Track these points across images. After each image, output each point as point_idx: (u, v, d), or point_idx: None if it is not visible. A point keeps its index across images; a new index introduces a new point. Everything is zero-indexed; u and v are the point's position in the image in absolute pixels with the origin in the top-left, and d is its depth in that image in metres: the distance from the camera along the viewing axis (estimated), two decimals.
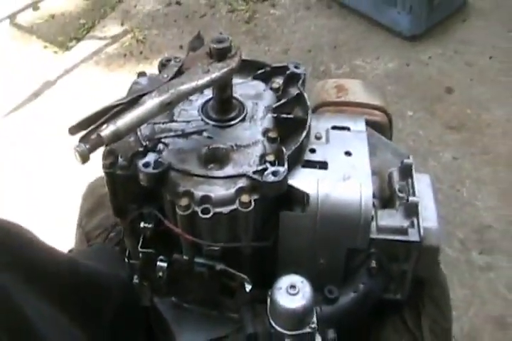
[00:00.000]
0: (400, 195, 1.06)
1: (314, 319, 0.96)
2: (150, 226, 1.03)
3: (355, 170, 1.03)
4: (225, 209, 0.95)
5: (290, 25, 3.00)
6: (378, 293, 1.04)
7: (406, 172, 1.09)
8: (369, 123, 1.18)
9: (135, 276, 1.09)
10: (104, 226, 1.35)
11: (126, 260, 1.12)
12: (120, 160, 1.01)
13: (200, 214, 0.95)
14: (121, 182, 1.03)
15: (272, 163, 0.98)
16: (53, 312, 0.93)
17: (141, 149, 1.01)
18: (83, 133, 0.94)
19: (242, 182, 0.97)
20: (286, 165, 0.97)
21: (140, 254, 1.07)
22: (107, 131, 0.92)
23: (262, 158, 1.00)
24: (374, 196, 1.07)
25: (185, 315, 1.14)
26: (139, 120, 0.95)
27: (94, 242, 1.33)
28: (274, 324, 0.96)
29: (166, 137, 1.05)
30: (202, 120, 1.08)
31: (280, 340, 0.96)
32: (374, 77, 2.56)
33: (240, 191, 0.96)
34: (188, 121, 1.09)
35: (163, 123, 1.08)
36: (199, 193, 0.96)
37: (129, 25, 3.14)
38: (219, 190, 0.96)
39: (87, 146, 0.90)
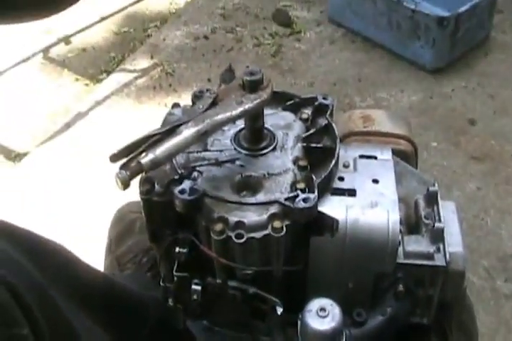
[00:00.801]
0: (426, 221, 1.09)
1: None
2: (185, 251, 1.07)
3: (383, 197, 1.07)
4: (258, 235, 0.99)
5: (315, 59, 3.06)
6: (405, 316, 1.07)
7: (431, 199, 1.12)
8: (395, 152, 1.22)
9: (169, 299, 1.13)
10: (134, 252, 1.38)
11: (161, 283, 1.16)
12: (157, 187, 1.06)
13: (234, 239, 0.99)
14: (157, 209, 1.07)
15: (303, 191, 1.03)
16: (90, 325, 0.97)
17: (176, 177, 1.06)
18: (123, 161, 0.98)
19: (274, 209, 1.01)
20: (316, 193, 1.01)
21: (175, 278, 1.11)
22: (146, 158, 0.96)
23: (293, 186, 1.04)
24: (401, 222, 1.11)
25: (216, 338, 1.18)
26: (176, 148, 1.00)
27: (125, 268, 1.37)
28: None
29: (200, 165, 1.09)
30: (234, 149, 1.13)
31: None
32: (398, 109, 2.61)
33: (272, 217, 1.00)
34: (221, 150, 1.13)
35: (197, 152, 1.13)
36: (233, 219, 1.00)
37: (158, 59, 3.22)
38: (252, 216, 1.00)
39: (128, 173, 0.95)
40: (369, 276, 1.06)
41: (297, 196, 1.01)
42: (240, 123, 1.15)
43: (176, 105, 1.25)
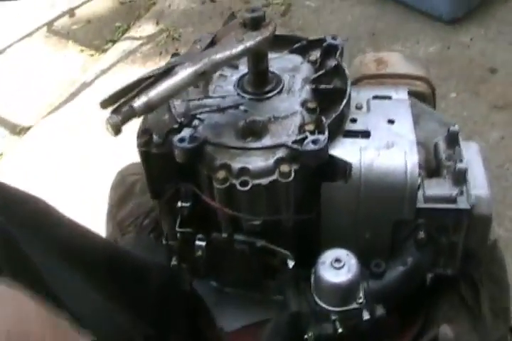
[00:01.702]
0: (447, 163, 1.00)
1: (361, 294, 0.91)
2: (187, 204, 0.99)
3: (399, 138, 0.98)
4: (265, 181, 0.92)
5: (326, 15, 2.95)
6: (427, 266, 0.99)
7: (452, 140, 1.03)
8: (411, 94, 1.12)
9: (173, 258, 1.05)
10: (135, 215, 1.31)
11: (163, 242, 1.08)
12: (155, 138, 0.99)
13: (239, 187, 0.91)
14: (156, 161, 1.00)
15: (312, 132, 0.94)
16: (86, 288, 0.90)
17: (176, 126, 0.98)
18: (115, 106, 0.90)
19: (281, 153, 0.93)
20: (326, 134, 0.93)
21: (178, 234, 1.03)
22: (139, 101, 0.89)
23: (301, 128, 0.96)
24: (420, 166, 1.02)
25: (226, 298, 1.10)
26: (172, 90, 0.92)
27: (127, 231, 1.30)
28: (318, 301, 0.92)
29: (201, 113, 1.01)
30: (238, 94, 1.05)
31: (325, 318, 0.91)
32: None
33: (279, 161, 0.92)
34: (224, 97, 1.05)
35: (198, 100, 1.05)
36: (236, 165, 0.92)
37: (164, 25, 3.13)
38: (257, 161, 0.93)
39: (119, 118, 0.87)
40: (387, 224, 0.98)
41: (306, 138, 0.93)
42: (244, 68, 1.07)
43: (175, 54, 1.16)
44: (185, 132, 0.96)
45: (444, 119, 1.11)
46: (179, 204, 1.00)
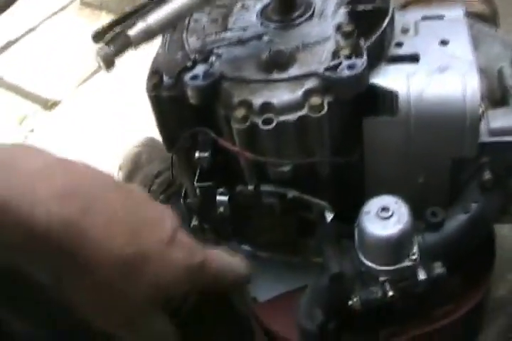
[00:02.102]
0: None
1: (415, 249, 0.75)
2: (206, 154, 0.84)
3: (455, 60, 0.81)
4: (292, 117, 0.76)
5: None
6: (494, 214, 0.81)
7: None
8: (469, 15, 0.94)
9: (193, 218, 0.90)
10: (143, 184, 1.18)
11: (182, 201, 0.93)
12: (165, 79, 0.84)
13: (261, 126, 0.76)
14: (168, 106, 0.85)
15: (348, 57, 0.78)
16: None
17: (189, 64, 0.83)
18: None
19: (310, 83, 0.77)
20: (365, 57, 0.77)
21: (197, 190, 0.87)
22: (135, 29, 0.75)
23: (335, 54, 0.80)
24: (482, 96, 0.84)
25: (259, 264, 0.94)
26: (174, 15, 0.78)
27: None
28: (364, 259, 0.76)
29: (218, 47, 0.86)
30: (261, 24, 0.89)
31: (373, 279, 0.75)
32: None
33: (309, 93, 0.77)
34: (245, 28, 0.90)
35: (215, 34, 0.90)
36: (258, 100, 0.77)
37: None
38: (282, 95, 0.77)
39: (112, 48, 0.73)
40: (444, 165, 0.81)
41: (340, 64, 0.76)
42: None
43: None
44: (199, 69, 0.82)
45: (508, 41, 0.92)
46: (197, 154, 0.85)
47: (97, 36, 0.77)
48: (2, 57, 2.18)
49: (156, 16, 0.76)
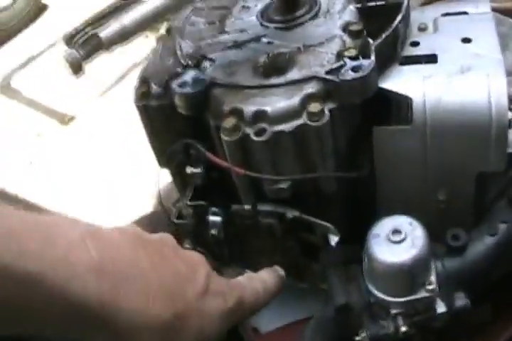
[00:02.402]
0: None
1: (433, 278, 0.64)
2: (199, 170, 0.75)
3: (479, 59, 0.70)
4: (288, 126, 0.67)
5: None
6: None
7: None
8: (498, 12, 0.84)
9: (185, 241, 0.80)
10: None
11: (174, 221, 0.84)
12: (154, 87, 0.76)
13: (253, 137, 0.66)
14: (158, 116, 0.77)
15: (354, 58, 0.68)
16: None
17: (179, 70, 0.75)
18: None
19: (310, 87, 0.68)
20: (373, 58, 0.68)
21: (190, 210, 0.78)
22: (108, 30, 0.67)
23: (340, 56, 0.70)
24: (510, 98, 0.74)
25: None
26: (151, 13, 0.70)
27: None
28: (373, 289, 0.66)
29: (213, 52, 0.77)
30: (261, 25, 0.80)
31: (383, 312, 0.65)
32: None
33: (308, 99, 0.68)
34: (243, 30, 0.81)
35: (211, 38, 0.81)
36: (250, 108, 0.68)
37: None
38: (278, 102, 0.67)
39: (80, 52, 0.65)
40: (468, 180, 0.71)
41: (344, 65, 0.67)
42: None
43: None
44: (188, 75, 0.74)
45: None
46: (189, 170, 0.76)
47: (69, 39, 0.69)
48: (22, 73, 2.14)
49: (130, 16, 0.69)
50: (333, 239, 0.69)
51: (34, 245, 0.46)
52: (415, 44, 0.76)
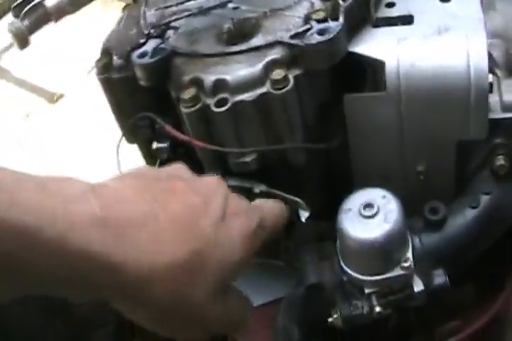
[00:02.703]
0: None
1: (409, 254, 0.60)
2: (164, 145, 0.71)
3: (458, 19, 0.65)
4: (250, 96, 0.62)
5: None
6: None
7: None
8: None
9: None
10: None
11: None
12: (115, 59, 0.72)
13: (214, 108, 0.62)
14: (120, 90, 0.73)
15: (321, 21, 0.63)
16: None
17: (142, 41, 0.70)
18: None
19: (274, 53, 0.63)
20: (341, 20, 0.63)
21: None
22: None
23: (307, 19, 0.65)
24: (497, 65, 0.69)
25: None
26: None
27: None
28: (345, 267, 0.61)
29: (177, 19, 0.73)
30: None
31: (357, 291, 0.61)
32: None
33: (271, 65, 0.63)
34: None
35: (176, 5, 0.76)
36: (210, 78, 0.63)
37: None
38: (239, 70, 0.63)
39: (26, 23, 0.61)
40: (448, 149, 0.66)
41: (311, 28, 0.62)
42: None
43: None
44: (149, 45, 0.70)
45: None
46: (154, 145, 0.72)
47: (17, 9, 0.64)
48: (12, 52, 2.10)
49: None
50: (304, 215, 0.65)
51: (28, 195, 0.43)
52: (391, 5, 0.70)
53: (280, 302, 0.69)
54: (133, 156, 0.80)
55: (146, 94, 0.71)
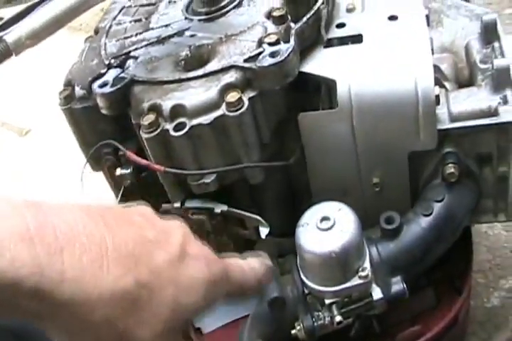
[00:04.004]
0: (483, 66, 0.69)
1: (367, 263, 0.62)
2: (128, 171, 0.73)
3: (404, 37, 0.68)
4: (206, 119, 0.64)
5: None
6: (464, 212, 0.67)
7: (489, 34, 0.72)
8: None
9: None
10: None
11: None
12: (77, 89, 0.75)
13: (172, 132, 0.64)
14: (83, 119, 0.75)
15: (273, 44, 0.66)
16: None
17: (103, 71, 0.73)
18: None
19: (228, 77, 0.66)
20: (292, 42, 0.66)
21: None
22: (15, 33, 0.65)
23: (260, 42, 0.68)
24: (446, 78, 0.72)
25: None
26: (64, 13, 0.68)
27: None
28: (306, 280, 0.63)
29: (136, 49, 0.76)
30: (185, 19, 0.79)
31: (319, 301, 0.62)
32: None
33: (226, 89, 0.65)
34: (168, 25, 0.79)
35: (135, 35, 0.80)
36: (168, 103, 0.66)
37: None
38: (196, 94, 0.65)
39: None
40: (400, 161, 0.68)
41: (263, 51, 0.65)
42: None
43: None
44: (110, 74, 0.72)
45: (477, 11, 0.78)
46: (118, 171, 0.74)
47: None
48: None
49: (40, 17, 0.66)
50: (263, 231, 0.67)
51: None
52: (341, 25, 0.74)
53: (245, 320, 0.71)
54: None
55: (107, 122, 0.74)
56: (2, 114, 2.05)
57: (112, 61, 0.74)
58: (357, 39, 0.71)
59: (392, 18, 0.72)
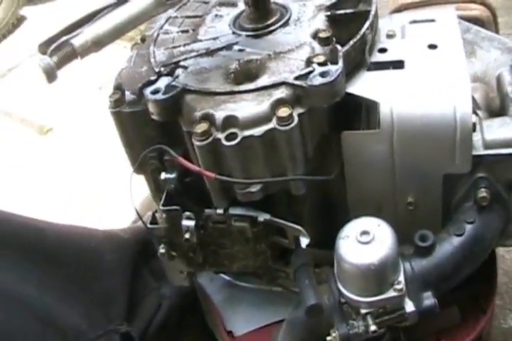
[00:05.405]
0: None
1: (401, 277, 0.66)
2: (172, 176, 0.76)
3: (444, 65, 0.72)
4: (258, 131, 0.68)
5: None
6: (494, 235, 0.71)
7: None
8: (465, 20, 0.86)
9: (160, 246, 0.80)
10: None
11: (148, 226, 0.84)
12: (127, 94, 0.77)
13: (224, 142, 0.67)
14: (131, 123, 0.78)
15: (322, 64, 0.70)
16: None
17: (153, 78, 0.76)
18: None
19: (279, 93, 0.69)
20: (340, 64, 0.69)
21: (164, 215, 0.79)
22: (81, 38, 0.68)
23: (309, 62, 0.72)
24: (478, 107, 0.76)
25: (236, 295, 0.86)
26: (127, 21, 0.70)
27: None
28: (343, 289, 0.67)
29: (185, 59, 0.79)
30: (233, 33, 0.82)
31: (354, 312, 0.66)
32: None
33: (277, 104, 0.69)
34: (216, 38, 0.82)
35: (184, 46, 0.83)
36: (221, 114, 0.69)
37: None
38: (248, 107, 0.68)
39: (54, 59, 0.66)
40: (435, 183, 0.72)
41: (313, 71, 0.68)
42: (242, 6, 0.85)
43: None
44: (162, 82, 0.75)
45: (508, 44, 0.83)
46: (163, 175, 0.77)
47: (43, 47, 0.70)
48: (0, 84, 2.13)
49: (106, 23, 0.69)
50: (304, 241, 0.70)
51: None
52: (383, 50, 0.77)
53: (279, 324, 0.74)
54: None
55: (153, 128, 0.76)
56: (22, 109, 2.02)
57: (162, 69, 0.77)
58: (398, 65, 0.74)
59: (432, 46, 0.76)
